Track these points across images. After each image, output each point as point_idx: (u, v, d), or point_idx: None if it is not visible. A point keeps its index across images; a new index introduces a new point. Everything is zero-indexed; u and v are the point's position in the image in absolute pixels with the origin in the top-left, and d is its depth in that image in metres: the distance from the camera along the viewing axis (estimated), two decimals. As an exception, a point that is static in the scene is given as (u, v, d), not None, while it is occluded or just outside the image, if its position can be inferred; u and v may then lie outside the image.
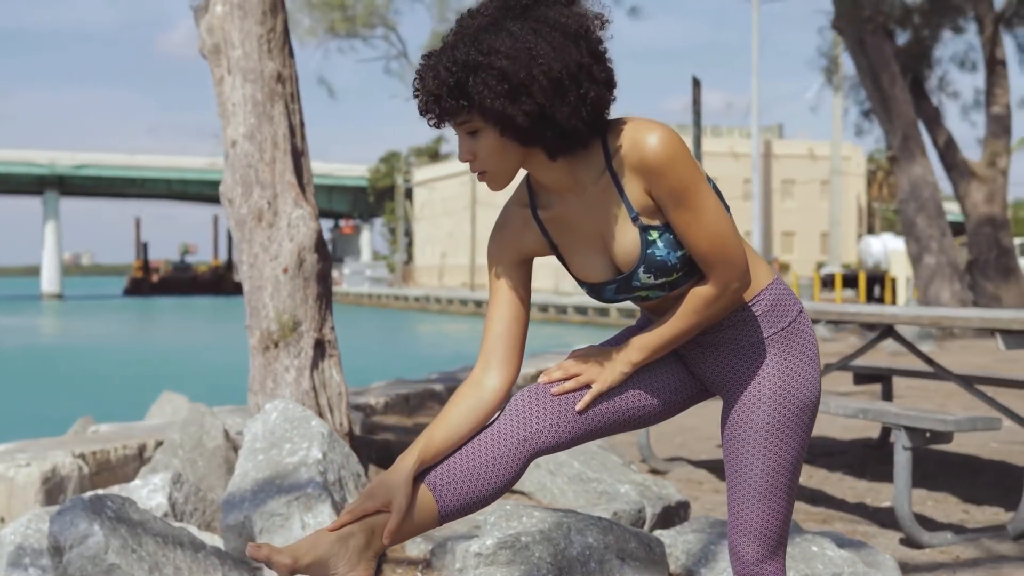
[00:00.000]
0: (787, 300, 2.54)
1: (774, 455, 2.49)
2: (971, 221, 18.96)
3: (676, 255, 2.37)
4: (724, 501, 5.99)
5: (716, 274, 2.37)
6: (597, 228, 2.41)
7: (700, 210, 2.32)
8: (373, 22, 20.51)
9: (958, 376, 5.93)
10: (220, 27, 5.85)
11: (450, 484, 2.35)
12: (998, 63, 19.32)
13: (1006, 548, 4.93)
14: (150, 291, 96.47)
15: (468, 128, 2.31)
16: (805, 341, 2.55)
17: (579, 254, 2.48)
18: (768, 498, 2.50)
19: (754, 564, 2.52)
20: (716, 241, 2.34)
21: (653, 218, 2.36)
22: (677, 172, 2.29)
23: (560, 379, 2.45)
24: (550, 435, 2.42)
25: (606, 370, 2.45)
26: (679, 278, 2.42)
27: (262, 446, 4.73)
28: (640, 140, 2.29)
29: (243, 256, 5.76)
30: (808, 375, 2.52)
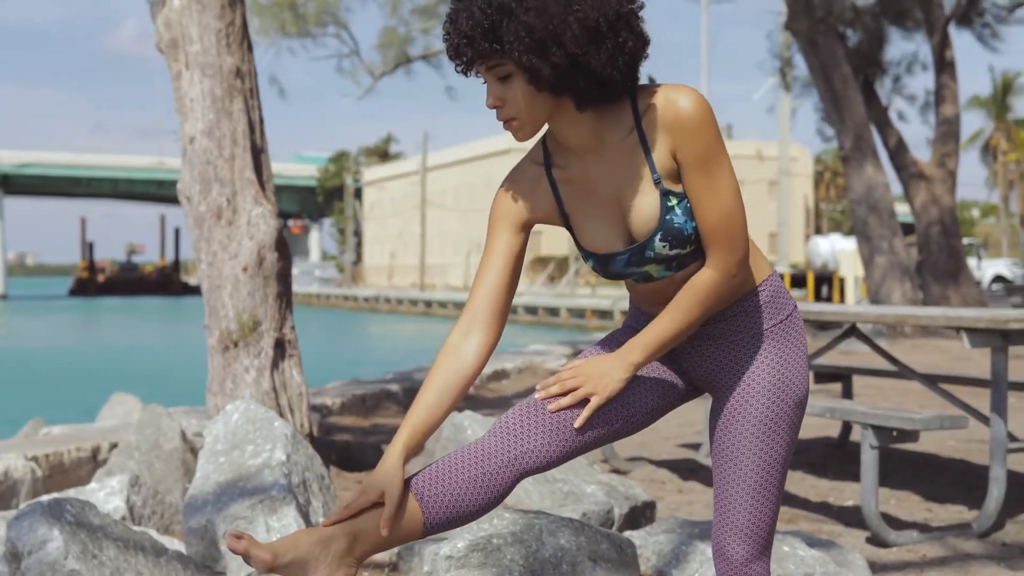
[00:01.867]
0: (784, 294, 2.52)
1: (768, 449, 2.44)
2: (921, 222, 19.10)
3: (692, 224, 2.31)
4: (688, 501, 5.97)
5: (719, 254, 2.32)
6: (615, 191, 2.35)
7: (720, 180, 2.29)
8: (324, 20, 20.38)
9: (922, 375, 5.94)
10: (178, 21, 5.75)
11: (437, 497, 2.29)
12: (947, 65, 19.48)
13: (972, 546, 4.94)
14: (96, 291, 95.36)
15: (499, 73, 2.24)
16: (799, 336, 2.52)
17: (592, 220, 2.40)
18: (760, 494, 2.45)
19: (742, 565, 2.47)
20: (726, 216, 2.30)
21: (675, 184, 2.31)
22: (708, 136, 2.26)
23: (557, 394, 2.37)
24: (542, 454, 2.36)
25: (605, 379, 2.36)
26: (688, 254, 2.35)
27: (224, 448, 4.63)
28: (676, 99, 2.25)
29: (202, 255, 5.66)
30: (801, 371, 2.49)
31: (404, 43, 20.77)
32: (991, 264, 45.76)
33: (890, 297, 17.43)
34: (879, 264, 17.70)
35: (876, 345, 6.03)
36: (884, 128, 19.48)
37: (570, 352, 14.16)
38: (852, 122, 17.61)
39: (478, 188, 66.58)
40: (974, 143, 72.29)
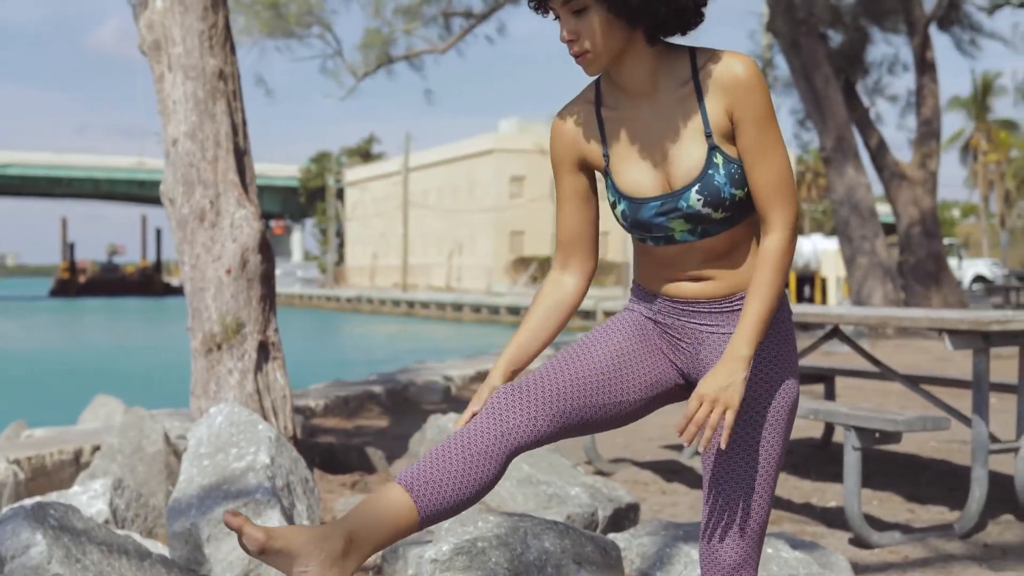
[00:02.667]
0: (784, 296, 2.52)
1: (763, 451, 2.44)
2: (902, 222, 19.17)
3: (730, 190, 2.35)
4: (672, 503, 5.98)
5: (780, 212, 2.36)
6: (662, 137, 2.38)
7: (776, 139, 2.35)
8: (308, 21, 20.34)
9: (902, 376, 5.96)
10: (161, 23, 5.73)
11: (429, 485, 2.26)
12: (928, 66, 19.56)
13: (954, 547, 4.96)
14: (77, 292, 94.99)
15: (574, 6, 2.30)
16: (792, 336, 2.52)
17: (632, 163, 2.43)
18: (752, 494, 2.44)
19: (732, 569, 2.45)
20: (784, 172, 2.35)
21: (723, 143, 2.35)
22: (764, 96, 2.33)
23: (696, 432, 2.31)
24: (530, 429, 2.33)
25: (729, 390, 2.30)
26: (716, 222, 2.38)
27: (207, 451, 4.62)
28: (734, 60, 2.33)
29: (185, 257, 5.64)
30: (795, 370, 2.50)
31: (387, 44, 20.76)
32: (971, 264, 45.96)
33: (872, 297, 17.49)
34: (861, 264, 17.76)
35: (858, 346, 6.06)
36: (865, 129, 19.55)
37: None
38: (834, 123, 17.67)
39: (460, 189, 66.55)
40: (954, 143, 72.56)
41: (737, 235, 2.44)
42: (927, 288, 18.60)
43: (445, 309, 49.95)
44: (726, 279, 2.47)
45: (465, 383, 11.53)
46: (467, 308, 48.12)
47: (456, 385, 11.17)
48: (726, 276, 2.46)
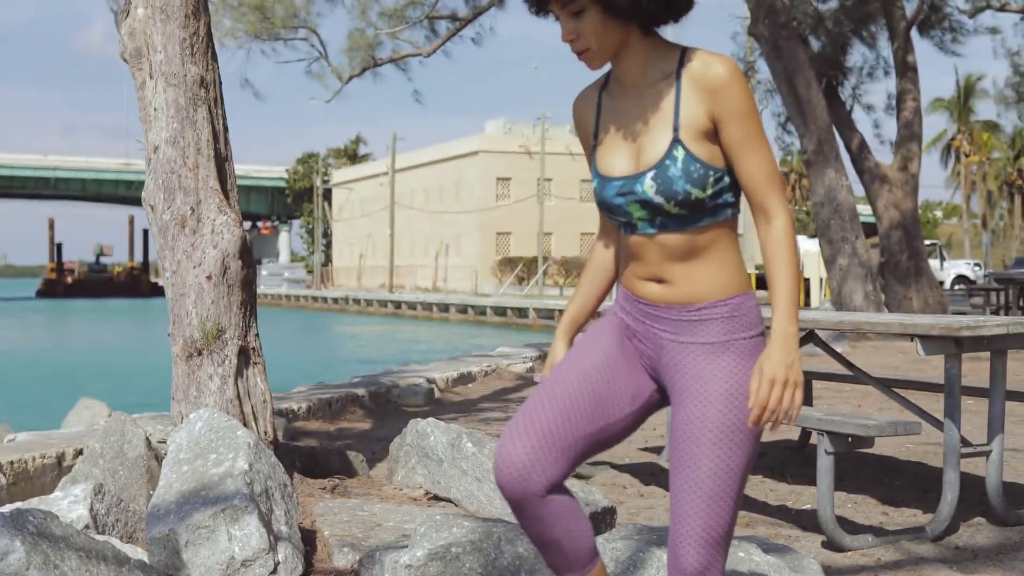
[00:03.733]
0: (755, 315, 2.58)
1: (724, 458, 2.49)
2: (883, 224, 19.28)
3: (684, 185, 2.46)
4: (649, 506, 6.04)
5: (775, 198, 2.50)
6: (639, 125, 2.54)
7: (759, 136, 2.49)
8: (294, 24, 20.36)
9: (876, 379, 6.04)
10: (142, 31, 5.77)
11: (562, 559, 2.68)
12: (909, 69, 19.67)
13: (925, 549, 5.03)
14: (64, 293, 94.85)
15: (573, 8, 2.48)
16: (758, 354, 2.57)
17: (612, 145, 2.59)
18: (714, 503, 2.50)
19: (695, 574, 2.52)
20: (773, 167, 2.50)
21: (689, 140, 2.46)
22: (743, 94, 2.46)
23: (774, 408, 2.42)
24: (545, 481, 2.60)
25: (791, 368, 2.43)
26: (671, 217, 2.50)
27: (186, 457, 4.67)
28: (715, 61, 2.47)
29: (166, 263, 5.69)
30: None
31: (372, 47, 20.79)
32: (953, 265, 46.16)
33: (852, 298, 17.58)
34: (841, 266, 17.85)
35: (833, 351, 6.13)
36: (847, 131, 19.64)
37: (536, 354, 14.21)
38: (815, 125, 17.76)
39: (447, 189, 66.58)
40: (937, 145, 72.84)
41: (698, 242, 2.52)
42: (907, 289, 18.70)
43: (431, 310, 50.01)
44: (685, 286, 2.55)
45: (448, 385, 11.57)
46: (453, 309, 48.19)
47: (439, 387, 11.22)
48: (685, 283, 2.54)
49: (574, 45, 2.52)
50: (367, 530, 4.81)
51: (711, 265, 2.54)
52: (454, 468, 5.60)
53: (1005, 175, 74.67)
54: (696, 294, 2.54)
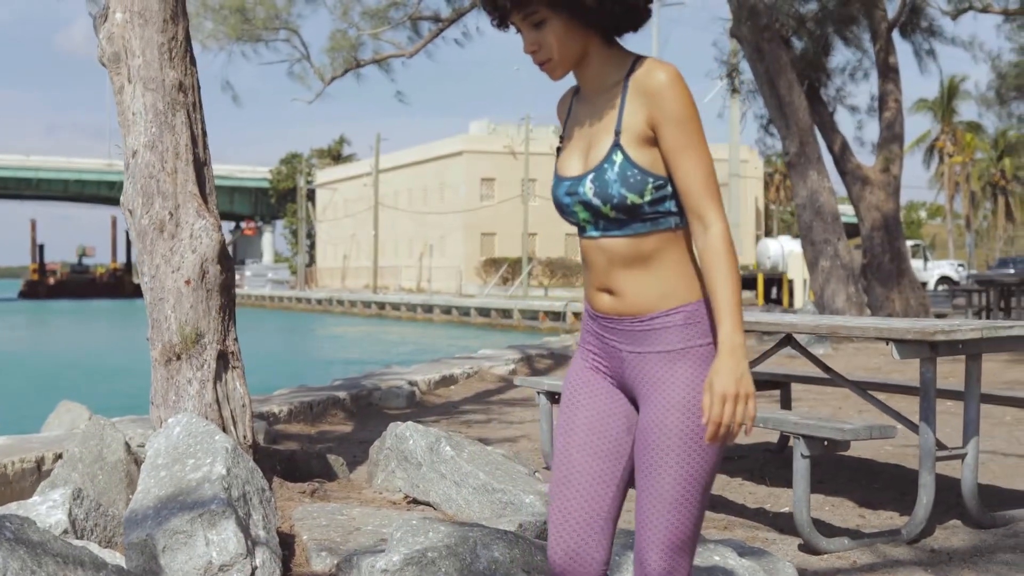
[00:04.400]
0: (712, 323, 2.58)
1: (686, 464, 2.52)
2: (865, 225, 19.34)
3: (619, 189, 2.50)
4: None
5: (711, 207, 2.50)
6: (590, 129, 2.61)
7: (698, 143, 2.50)
8: (275, 25, 20.34)
9: (852, 382, 6.07)
10: (120, 35, 5.77)
11: None
12: (891, 71, 19.74)
13: (900, 552, 5.06)
14: (47, 294, 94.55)
15: (534, 20, 2.53)
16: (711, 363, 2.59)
17: (570, 146, 2.66)
18: (678, 509, 2.52)
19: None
20: (710, 174, 2.51)
21: (630, 145, 2.51)
22: (682, 101, 2.48)
23: (728, 423, 2.44)
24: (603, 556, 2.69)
25: (741, 379, 2.43)
26: (610, 221, 2.54)
27: (164, 462, 4.68)
28: (656, 68, 2.51)
29: (144, 268, 5.69)
30: None
31: (354, 48, 20.78)
32: (937, 265, 46.32)
33: (835, 300, 17.65)
34: (823, 267, 17.92)
35: (810, 354, 6.16)
36: (829, 133, 19.71)
37: (519, 356, 14.22)
38: (797, 128, 17.82)
39: (431, 190, 66.55)
40: (921, 145, 73.11)
41: (641, 249, 2.55)
42: (889, 291, 18.77)
43: (416, 311, 50.00)
44: (632, 296, 2.57)
45: (430, 388, 11.58)
46: (438, 310, 48.19)
47: (420, 390, 11.22)
48: (632, 293, 2.57)
49: (536, 56, 2.57)
50: (345, 534, 4.82)
51: (658, 274, 2.56)
52: (433, 472, 5.61)
53: (988, 176, 75.00)
54: (645, 304, 2.57)
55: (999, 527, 5.46)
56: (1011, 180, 74.86)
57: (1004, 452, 7.53)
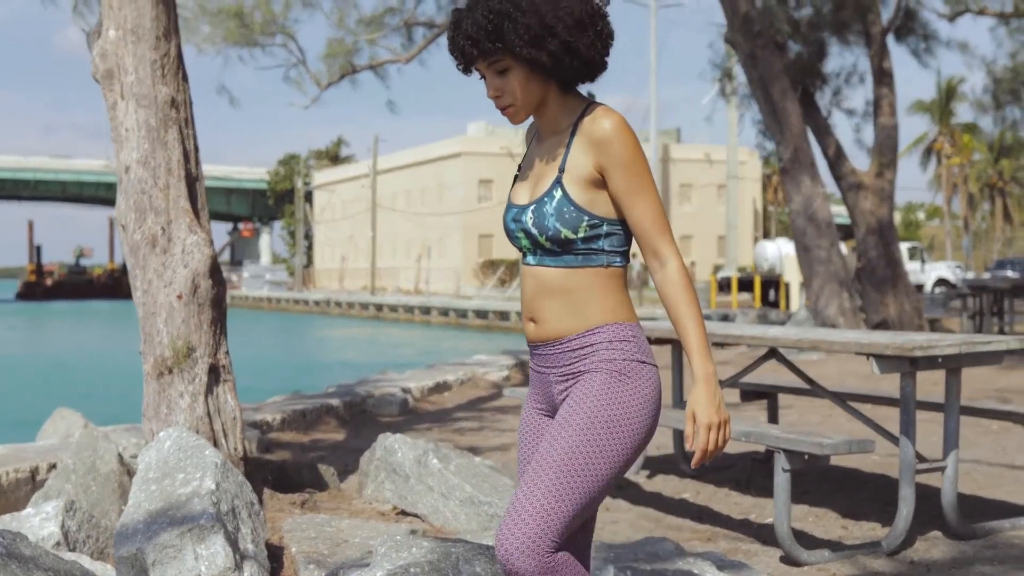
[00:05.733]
0: (635, 345, 2.69)
1: (569, 453, 2.60)
2: (860, 229, 19.41)
3: (554, 223, 2.65)
4: (613, 520, 6.14)
5: (665, 244, 2.68)
6: (540, 165, 2.77)
7: (645, 186, 2.66)
8: (272, 30, 20.41)
9: (833, 394, 6.15)
10: (113, 52, 5.85)
11: None
12: (885, 76, 19.81)
13: (880, 564, 5.14)
14: (44, 295, 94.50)
15: (498, 67, 2.69)
16: (636, 391, 2.67)
17: (522, 178, 2.84)
18: (547, 491, 2.55)
19: (508, 554, 2.54)
20: (660, 214, 2.67)
21: (570, 184, 2.66)
22: (628, 147, 2.64)
23: (714, 450, 2.65)
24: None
25: (717, 408, 2.63)
26: (545, 251, 2.69)
27: (155, 476, 4.76)
28: (603, 117, 2.67)
29: (137, 282, 5.77)
30: (632, 418, 2.65)
31: (350, 54, 20.87)
32: (934, 267, 46.36)
33: (828, 306, 17.72)
34: (818, 274, 17.99)
35: (793, 366, 6.24)
36: (824, 137, 19.77)
37: (512, 362, 14.29)
38: (790, 134, 17.88)
39: (429, 191, 66.59)
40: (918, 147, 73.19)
41: (570, 282, 2.69)
42: (883, 296, 18.84)
43: (413, 312, 50.05)
44: (552, 322, 2.72)
45: (423, 395, 11.66)
46: (435, 311, 48.23)
47: (414, 397, 11.30)
48: (552, 319, 2.71)
49: (498, 101, 2.72)
50: (333, 546, 4.90)
51: (578, 302, 2.69)
52: (420, 484, 5.69)
53: (986, 177, 75.09)
54: (563, 328, 2.71)
55: (979, 538, 5.54)
56: (1009, 182, 74.96)
57: (989, 462, 7.61)
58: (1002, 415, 6.22)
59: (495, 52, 2.64)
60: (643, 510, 6.36)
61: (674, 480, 7.12)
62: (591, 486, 2.60)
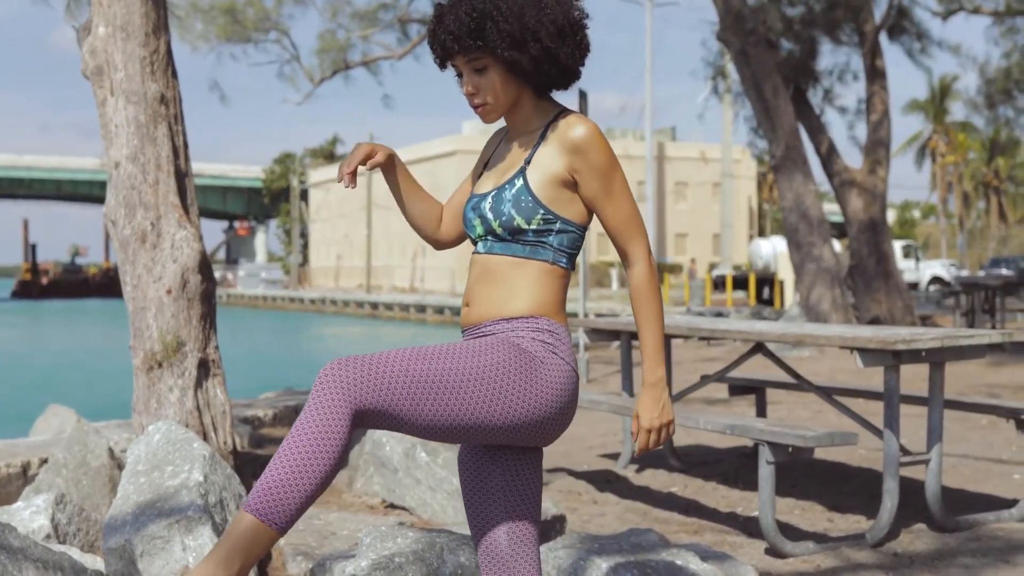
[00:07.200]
0: (543, 339, 2.65)
1: (444, 379, 2.52)
2: (852, 227, 19.47)
3: (509, 208, 2.68)
4: (601, 512, 6.18)
5: (635, 244, 2.72)
6: (507, 159, 2.80)
7: (618, 189, 2.71)
8: (265, 26, 20.45)
9: (819, 388, 6.20)
10: (103, 49, 5.89)
11: None
12: (878, 74, 19.87)
13: (864, 556, 5.18)
14: (39, 294, 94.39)
15: (476, 65, 2.70)
16: (534, 372, 2.61)
17: (487, 173, 2.86)
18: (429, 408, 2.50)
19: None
20: (631, 215, 2.72)
21: (533, 176, 2.69)
22: (600, 152, 2.68)
23: (654, 448, 2.75)
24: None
25: (664, 409, 2.72)
26: (499, 239, 2.70)
27: (144, 468, 4.79)
28: (576, 123, 2.70)
29: (127, 277, 5.80)
30: (530, 402, 2.59)
31: (343, 50, 20.90)
32: (928, 266, 46.43)
33: (820, 303, 17.77)
34: (809, 271, 18.04)
35: (780, 361, 6.28)
36: (816, 135, 19.83)
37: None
38: (783, 132, 17.93)
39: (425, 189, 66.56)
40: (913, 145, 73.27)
41: (513, 270, 2.70)
42: (875, 293, 18.90)
43: (409, 311, 50.10)
44: (479, 306, 2.72)
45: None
46: (430, 310, 48.28)
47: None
48: (481, 303, 2.72)
49: (472, 99, 2.73)
50: (321, 539, 4.94)
51: (511, 290, 2.70)
52: (408, 477, 5.73)
53: (981, 176, 75.18)
54: (484, 313, 2.71)
55: (962, 531, 5.59)
56: (1004, 180, 75.07)
57: (976, 456, 7.66)
58: (987, 409, 6.26)
59: (476, 50, 2.66)
60: (631, 503, 6.40)
61: (663, 474, 7.17)
62: (431, 415, 2.50)
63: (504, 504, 2.73)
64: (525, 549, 2.75)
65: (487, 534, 2.74)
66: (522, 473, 2.75)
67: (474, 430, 2.55)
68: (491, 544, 2.74)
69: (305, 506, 2.41)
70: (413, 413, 2.47)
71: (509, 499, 2.73)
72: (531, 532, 2.76)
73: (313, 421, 2.40)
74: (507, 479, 2.74)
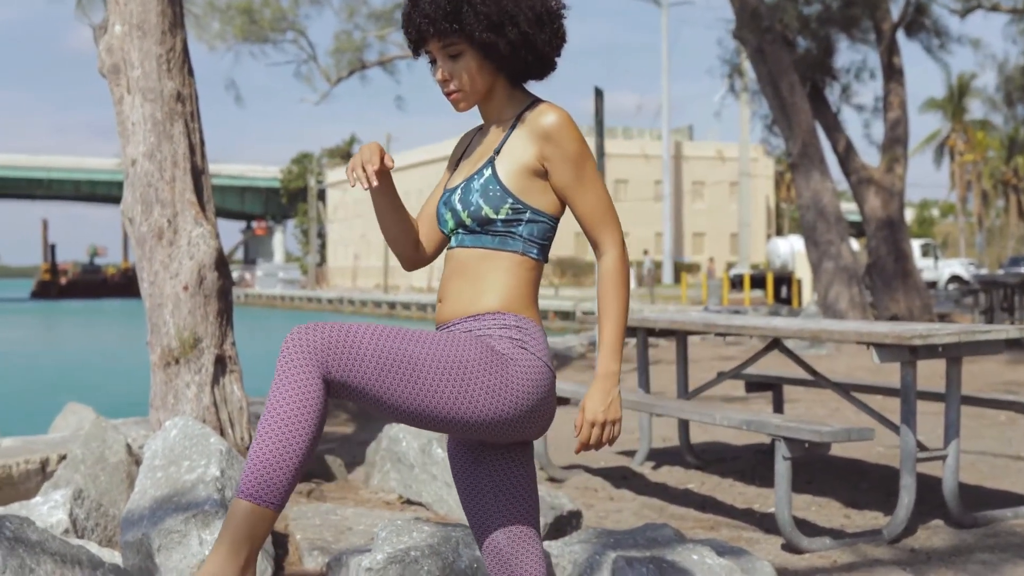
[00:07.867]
0: (513, 335, 2.61)
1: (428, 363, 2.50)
2: (870, 225, 19.42)
3: (477, 198, 2.63)
4: (618, 509, 6.18)
5: (606, 233, 2.67)
6: (480, 150, 2.77)
7: (589, 178, 2.67)
8: (282, 26, 20.50)
9: (835, 384, 6.18)
10: (119, 47, 5.91)
11: None
12: (895, 71, 19.81)
13: (881, 552, 5.17)
14: (58, 294, 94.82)
15: (451, 51, 2.66)
16: (509, 374, 2.57)
17: (461, 167, 2.82)
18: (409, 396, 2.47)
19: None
20: (602, 204, 2.68)
21: (502, 166, 2.65)
22: (571, 141, 2.64)
23: (597, 445, 2.64)
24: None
25: (612, 404, 2.63)
26: (469, 231, 2.66)
27: (161, 463, 4.81)
28: (547, 112, 2.66)
29: (144, 274, 5.83)
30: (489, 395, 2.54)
31: (359, 50, 20.94)
32: (947, 264, 46.27)
33: (838, 301, 17.73)
34: (827, 269, 17.99)
35: (796, 357, 6.28)
36: (833, 133, 19.78)
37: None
38: (800, 129, 17.89)
39: (420, 200, 66.66)
40: (931, 143, 73.03)
41: (483, 262, 2.65)
42: (893, 291, 18.85)
43: (426, 310, 50.14)
44: (451, 303, 2.68)
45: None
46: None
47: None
48: (452, 301, 2.68)
49: (445, 86, 2.70)
50: (338, 534, 4.95)
51: (482, 285, 2.65)
52: (425, 473, 5.74)
53: (999, 174, 74.90)
54: (455, 311, 2.66)
55: (980, 527, 5.57)
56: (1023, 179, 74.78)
57: (994, 452, 7.63)
58: (1005, 405, 6.25)
59: (451, 34, 2.61)
60: (647, 500, 6.39)
61: (679, 471, 7.16)
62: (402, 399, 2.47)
63: (496, 504, 2.71)
64: (525, 545, 2.72)
65: (485, 533, 2.73)
66: (511, 472, 2.72)
67: (443, 422, 2.52)
68: (491, 543, 2.73)
69: (295, 479, 2.40)
70: (379, 389, 2.44)
71: (500, 499, 2.71)
72: (529, 528, 2.73)
73: (285, 393, 2.38)
74: (495, 480, 2.71)
